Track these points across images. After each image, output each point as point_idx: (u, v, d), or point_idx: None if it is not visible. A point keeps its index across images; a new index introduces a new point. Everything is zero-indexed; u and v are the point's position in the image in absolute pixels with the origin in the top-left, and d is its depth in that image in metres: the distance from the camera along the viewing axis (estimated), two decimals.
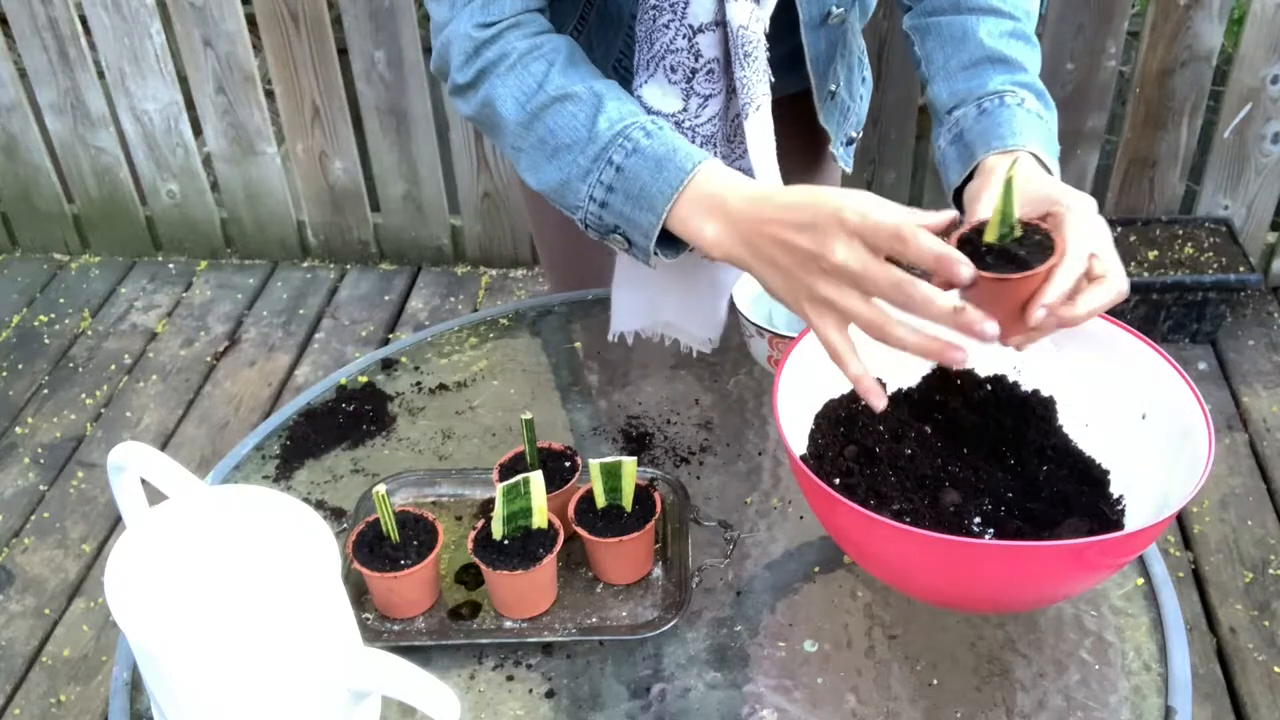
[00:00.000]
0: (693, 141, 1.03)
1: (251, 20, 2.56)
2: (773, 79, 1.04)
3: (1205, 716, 1.79)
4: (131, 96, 2.68)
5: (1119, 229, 2.55)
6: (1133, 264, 2.45)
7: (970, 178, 0.97)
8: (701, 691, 0.87)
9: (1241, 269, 2.41)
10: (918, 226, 0.77)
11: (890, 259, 0.78)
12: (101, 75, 2.67)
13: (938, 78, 1.03)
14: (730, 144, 1.07)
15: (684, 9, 0.98)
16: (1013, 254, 0.79)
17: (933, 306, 0.76)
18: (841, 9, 1.11)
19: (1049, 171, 0.94)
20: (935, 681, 0.87)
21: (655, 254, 0.94)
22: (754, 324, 1.09)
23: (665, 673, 0.89)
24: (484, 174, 2.69)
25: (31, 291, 2.86)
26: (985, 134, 0.95)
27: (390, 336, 2.67)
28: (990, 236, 0.80)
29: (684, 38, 1.00)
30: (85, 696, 1.91)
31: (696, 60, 1.01)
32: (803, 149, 1.28)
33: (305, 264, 2.91)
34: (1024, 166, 0.91)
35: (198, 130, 2.75)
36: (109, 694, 0.90)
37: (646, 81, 1.03)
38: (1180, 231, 2.53)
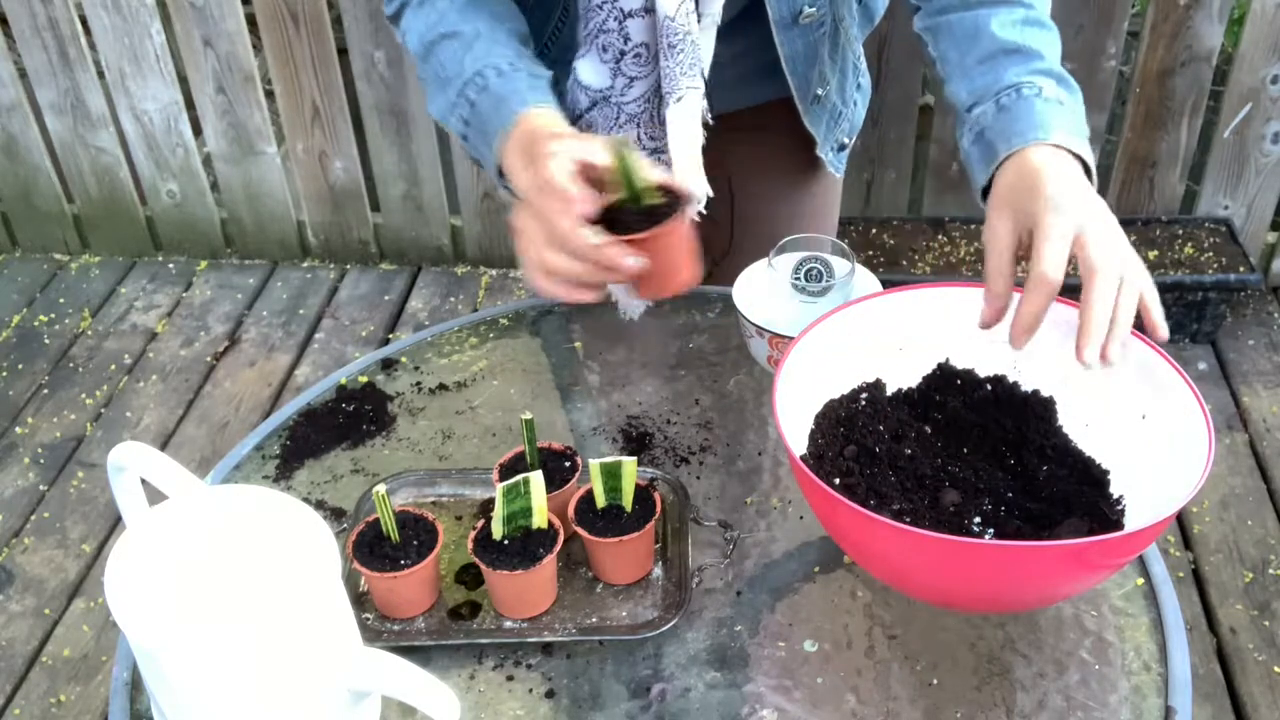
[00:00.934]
0: (617, 118, 1.08)
1: (251, 20, 2.56)
2: (706, 76, 1.06)
3: (1205, 716, 1.79)
4: (131, 96, 2.68)
5: None
6: None
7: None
8: (701, 691, 0.87)
9: (1241, 269, 2.41)
10: (577, 227, 0.85)
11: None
12: (101, 75, 2.68)
13: (955, 76, 1.02)
14: (659, 126, 1.09)
15: None
16: (653, 214, 0.89)
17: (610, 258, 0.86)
18: (814, 9, 1.11)
19: (1080, 158, 0.92)
20: (935, 681, 0.87)
21: (507, 189, 0.98)
22: (754, 324, 1.09)
23: (665, 673, 0.89)
24: (484, 174, 2.69)
25: (31, 291, 2.86)
26: (1005, 131, 0.94)
27: (390, 336, 2.67)
28: (622, 200, 0.90)
29: (615, 20, 1.03)
30: (85, 696, 1.91)
31: (625, 43, 1.04)
32: (794, 152, 1.28)
33: (305, 264, 2.91)
34: (1030, 165, 0.89)
35: (198, 130, 2.75)
36: (109, 694, 0.90)
37: (582, 56, 1.07)
38: (1180, 231, 2.53)
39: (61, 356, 2.63)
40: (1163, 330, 0.84)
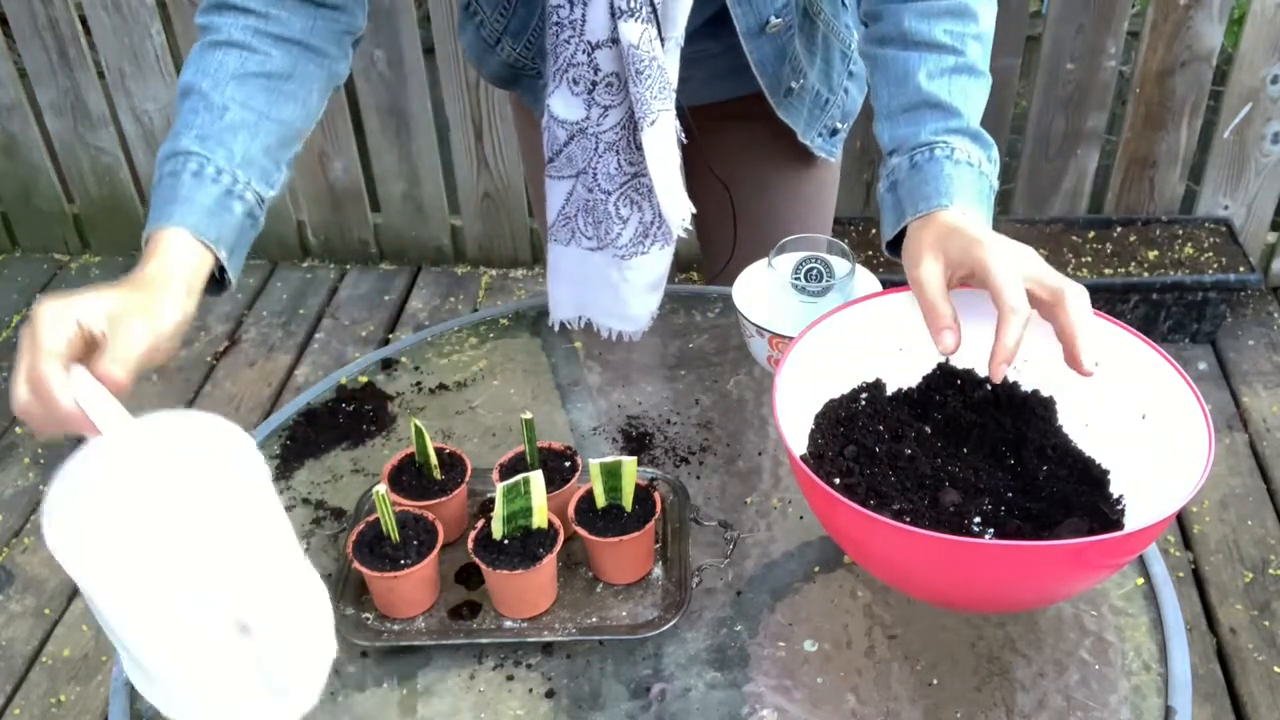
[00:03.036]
0: (596, 148, 1.10)
1: None
2: (678, 95, 1.07)
3: (1205, 716, 1.79)
4: (131, 96, 2.68)
5: (1119, 229, 2.55)
6: (1133, 264, 2.45)
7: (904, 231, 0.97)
8: (701, 691, 0.87)
9: (1241, 269, 2.41)
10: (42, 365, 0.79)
11: None
12: (101, 75, 2.67)
13: (881, 116, 1.04)
14: (636, 151, 1.11)
15: (582, 26, 1.04)
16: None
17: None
18: (780, 19, 1.12)
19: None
20: (935, 681, 0.87)
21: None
22: (754, 324, 1.09)
23: (665, 673, 0.89)
24: (484, 174, 2.70)
25: (31, 291, 2.86)
26: (913, 192, 0.96)
27: (390, 336, 2.67)
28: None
29: (584, 53, 1.05)
30: (85, 696, 1.91)
31: (596, 74, 1.06)
32: (783, 139, 1.29)
33: (305, 264, 2.91)
34: (945, 223, 0.91)
35: None
36: (109, 694, 0.90)
37: (554, 92, 1.09)
38: (1180, 231, 2.53)
39: None
40: (1088, 363, 0.85)
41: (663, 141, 1.08)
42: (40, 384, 0.78)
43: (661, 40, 1.04)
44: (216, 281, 0.95)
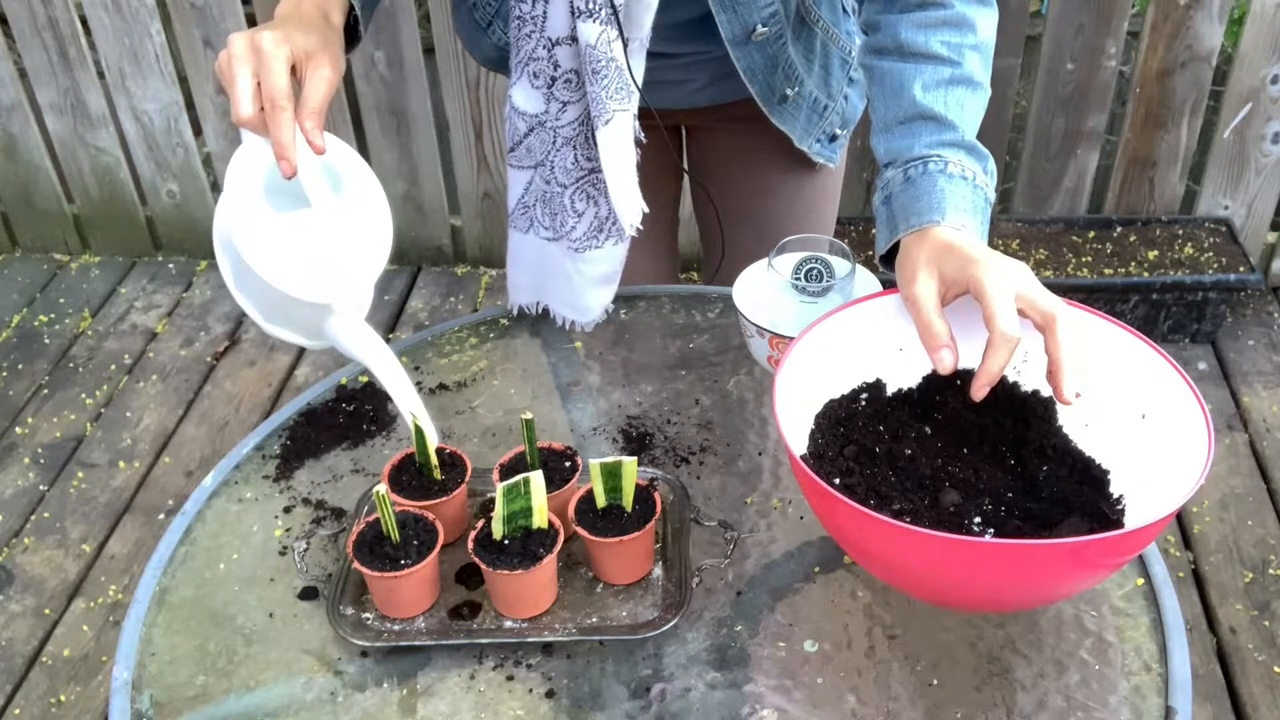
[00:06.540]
0: (554, 142, 1.12)
1: (251, 20, 2.56)
2: (639, 96, 1.08)
3: (1205, 716, 1.79)
4: (131, 96, 2.68)
5: (1119, 229, 2.55)
6: (1133, 264, 2.45)
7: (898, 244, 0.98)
8: (701, 691, 0.87)
9: (1241, 269, 2.41)
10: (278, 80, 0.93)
11: None
12: (101, 75, 2.68)
13: (877, 129, 1.04)
14: (593, 147, 1.12)
15: (543, 22, 1.05)
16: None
17: None
18: (767, 28, 1.13)
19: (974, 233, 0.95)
20: (935, 681, 0.87)
21: None
22: (754, 324, 1.09)
23: (665, 673, 0.89)
24: (484, 174, 2.70)
25: (31, 291, 2.86)
26: (905, 207, 0.96)
27: (390, 336, 2.67)
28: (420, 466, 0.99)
29: (544, 48, 1.06)
30: (85, 696, 1.91)
31: (555, 69, 1.08)
32: (781, 145, 1.29)
33: None
34: (940, 240, 0.92)
35: (198, 130, 2.75)
36: (109, 694, 0.90)
37: (515, 83, 1.10)
38: (1180, 231, 2.54)
39: (61, 356, 2.63)
40: (1068, 392, 0.85)
41: (618, 141, 1.09)
42: (273, 114, 0.91)
43: (625, 42, 1.04)
44: (349, 35, 1.05)
